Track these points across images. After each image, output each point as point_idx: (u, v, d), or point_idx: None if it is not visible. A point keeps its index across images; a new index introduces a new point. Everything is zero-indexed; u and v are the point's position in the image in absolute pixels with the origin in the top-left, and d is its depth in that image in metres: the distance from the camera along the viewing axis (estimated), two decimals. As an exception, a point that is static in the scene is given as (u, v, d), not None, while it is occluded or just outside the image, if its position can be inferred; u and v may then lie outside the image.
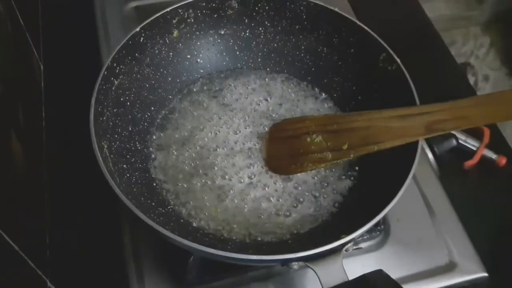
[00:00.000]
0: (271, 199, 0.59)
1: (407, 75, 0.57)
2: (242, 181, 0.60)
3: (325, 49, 0.67)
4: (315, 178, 0.61)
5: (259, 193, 0.60)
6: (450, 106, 0.51)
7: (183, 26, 0.66)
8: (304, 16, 0.66)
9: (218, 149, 0.63)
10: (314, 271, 0.46)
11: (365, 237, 0.61)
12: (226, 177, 0.60)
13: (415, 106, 0.54)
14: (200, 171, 0.61)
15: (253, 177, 0.61)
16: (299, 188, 0.60)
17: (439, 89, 0.77)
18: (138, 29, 0.60)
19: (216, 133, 0.64)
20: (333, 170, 0.62)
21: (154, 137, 0.63)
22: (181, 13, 0.64)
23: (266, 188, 0.60)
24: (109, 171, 0.49)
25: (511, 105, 0.49)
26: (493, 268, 0.60)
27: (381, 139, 0.54)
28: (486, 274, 0.59)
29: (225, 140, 0.63)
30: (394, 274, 0.46)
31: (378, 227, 0.62)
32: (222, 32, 0.69)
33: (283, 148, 0.62)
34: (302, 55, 0.69)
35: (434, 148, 0.69)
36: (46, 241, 0.62)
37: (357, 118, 0.57)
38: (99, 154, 0.50)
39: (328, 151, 0.58)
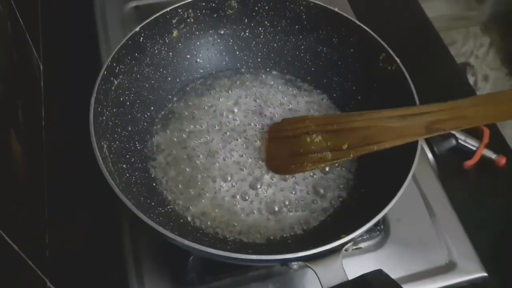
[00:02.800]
0: (271, 199, 0.59)
1: (407, 75, 0.57)
2: (242, 181, 0.60)
3: (325, 49, 0.67)
4: (315, 178, 0.61)
5: (259, 193, 0.60)
6: (450, 106, 0.51)
7: (182, 26, 0.66)
8: (304, 16, 0.66)
9: (217, 149, 0.63)
10: (314, 271, 0.46)
11: (365, 237, 0.61)
12: (226, 177, 0.60)
13: (415, 106, 0.54)
14: (200, 171, 0.61)
15: (253, 177, 0.61)
16: (299, 188, 0.60)
17: (439, 89, 0.77)
18: (138, 29, 0.60)
19: (216, 133, 0.64)
20: (333, 170, 0.62)
21: (154, 137, 0.63)
22: (181, 13, 0.64)
23: (266, 188, 0.60)
24: (108, 171, 0.49)
25: (511, 105, 0.49)
26: (493, 268, 0.60)
27: (381, 139, 0.54)
28: (486, 274, 0.59)
29: (225, 140, 0.63)
30: (394, 274, 0.46)
31: (378, 227, 0.62)
32: (222, 32, 0.69)
33: (283, 148, 0.62)
34: (302, 55, 0.69)
35: (434, 148, 0.69)
36: (46, 241, 0.62)
37: (357, 118, 0.57)
38: (98, 154, 0.50)
39: (328, 151, 0.58)
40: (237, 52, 0.70)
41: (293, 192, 0.60)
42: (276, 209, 0.59)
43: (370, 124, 0.55)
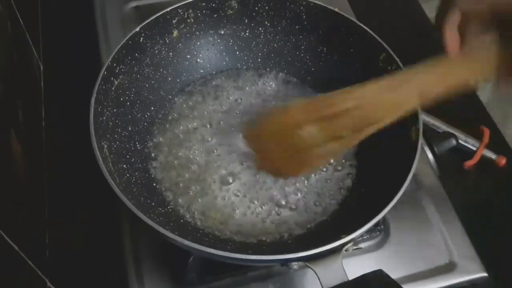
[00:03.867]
0: (271, 199, 0.59)
1: (407, 75, 0.57)
2: (242, 181, 0.60)
3: (325, 49, 0.67)
4: (315, 178, 0.61)
5: (259, 194, 0.60)
6: (437, 65, 0.50)
7: (183, 26, 0.66)
8: (304, 16, 0.66)
9: (218, 149, 0.63)
10: (314, 271, 0.46)
11: (365, 237, 0.61)
12: (226, 177, 0.60)
13: (400, 71, 0.55)
14: (200, 171, 0.61)
15: (253, 177, 0.61)
16: (299, 189, 0.60)
17: (439, 89, 0.77)
18: (138, 29, 0.60)
19: (216, 133, 0.64)
20: (333, 169, 0.62)
21: (154, 137, 0.63)
22: (181, 13, 0.64)
23: (266, 189, 0.60)
24: (108, 171, 0.49)
25: (497, 59, 0.48)
26: (493, 268, 0.60)
27: (377, 117, 0.50)
28: (486, 274, 0.59)
29: (225, 140, 0.63)
30: (394, 274, 0.46)
31: (378, 227, 0.62)
32: (222, 32, 0.69)
33: (278, 150, 0.59)
34: (302, 55, 0.69)
35: (434, 148, 0.69)
36: (46, 241, 0.62)
37: (346, 97, 0.51)
38: (98, 154, 0.50)
39: (326, 142, 0.53)
40: (237, 52, 0.70)
41: (293, 192, 0.60)
42: (276, 209, 0.59)
43: (361, 101, 0.51)
